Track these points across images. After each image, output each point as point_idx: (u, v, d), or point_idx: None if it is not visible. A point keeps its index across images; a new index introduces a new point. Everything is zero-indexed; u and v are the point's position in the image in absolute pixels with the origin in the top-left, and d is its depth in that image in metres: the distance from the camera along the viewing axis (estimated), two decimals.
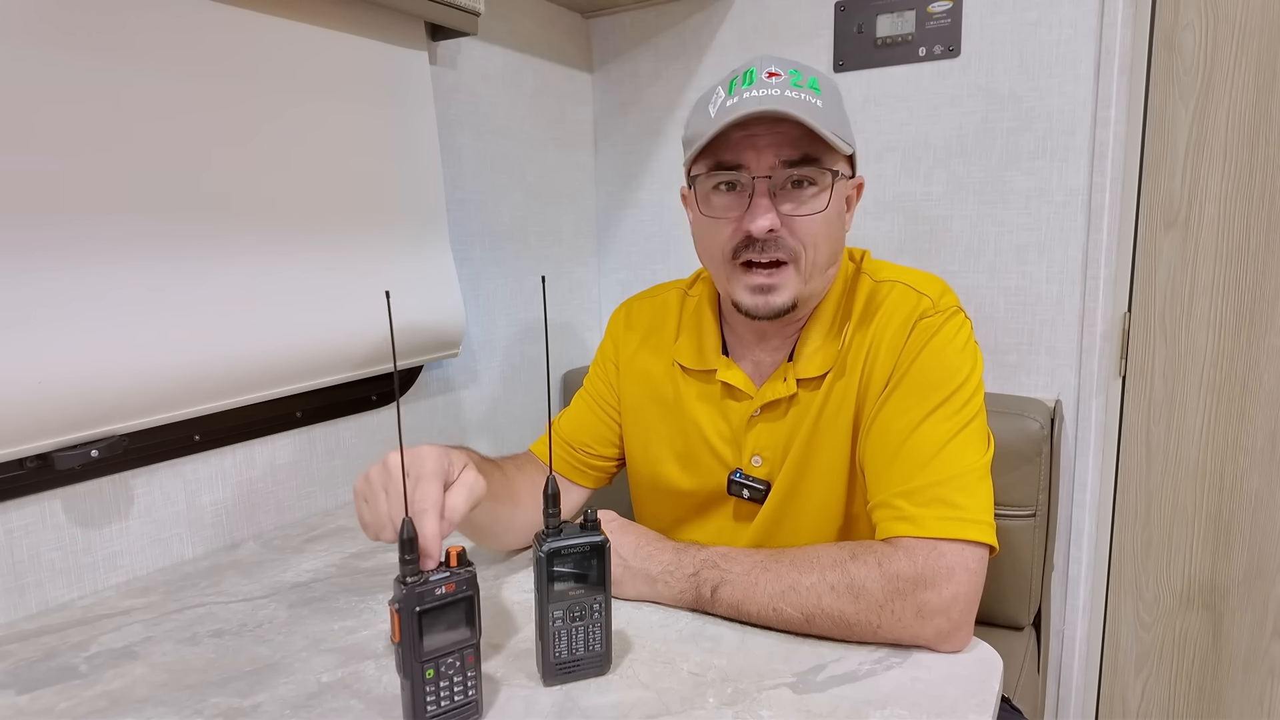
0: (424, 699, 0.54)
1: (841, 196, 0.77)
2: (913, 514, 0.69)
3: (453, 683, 0.55)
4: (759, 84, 0.72)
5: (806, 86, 0.73)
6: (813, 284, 0.77)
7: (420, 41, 1.13)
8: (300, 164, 0.97)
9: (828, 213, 0.74)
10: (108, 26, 0.78)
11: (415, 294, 1.12)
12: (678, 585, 0.72)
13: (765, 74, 0.73)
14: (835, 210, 0.75)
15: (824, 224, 0.74)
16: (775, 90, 0.71)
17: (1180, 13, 1.19)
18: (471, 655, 0.56)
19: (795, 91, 0.72)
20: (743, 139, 0.72)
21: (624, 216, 1.59)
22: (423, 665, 0.54)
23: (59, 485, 0.82)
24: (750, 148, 0.72)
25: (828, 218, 0.74)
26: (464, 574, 0.55)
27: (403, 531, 0.54)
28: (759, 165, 0.72)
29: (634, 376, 0.91)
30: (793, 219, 0.73)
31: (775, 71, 0.73)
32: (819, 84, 0.74)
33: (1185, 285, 1.25)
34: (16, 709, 0.62)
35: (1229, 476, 1.26)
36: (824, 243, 0.75)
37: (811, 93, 0.72)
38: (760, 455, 0.83)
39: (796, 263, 0.74)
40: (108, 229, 0.79)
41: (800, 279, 0.75)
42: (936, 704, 0.59)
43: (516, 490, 0.82)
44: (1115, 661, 1.38)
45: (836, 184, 0.74)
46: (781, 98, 0.71)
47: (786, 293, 0.75)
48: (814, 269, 0.75)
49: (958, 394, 0.73)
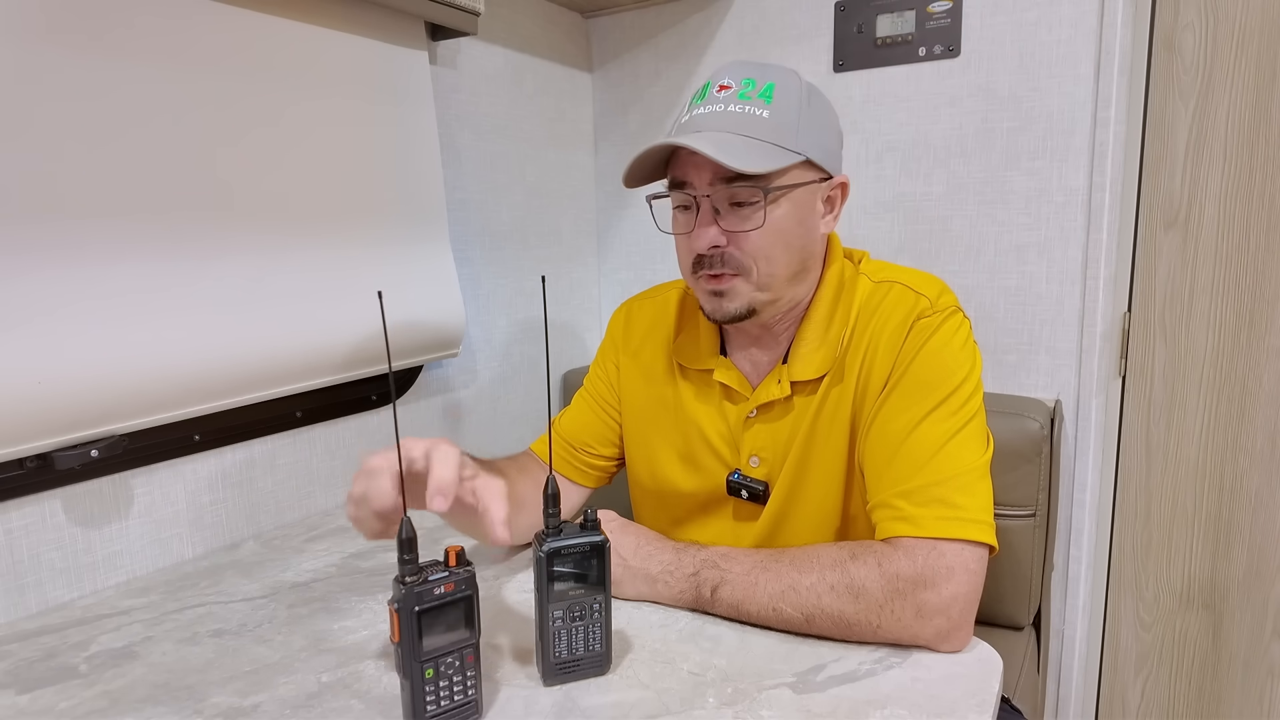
0: (423, 699, 0.54)
1: (802, 204, 0.75)
2: (912, 514, 0.69)
3: (452, 682, 0.55)
4: (709, 99, 0.74)
5: (757, 97, 0.73)
6: (774, 291, 0.77)
7: (420, 41, 1.13)
8: (301, 164, 0.97)
9: (771, 227, 0.73)
10: (107, 26, 0.78)
11: (415, 294, 1.12)
12: (678, 585, 0.72)
13: (717, 87, 0.75)
14: (791, 219, 0.75)
15: (774, 236, 0.74)
16: (720, 106, 0.73)
17: (1180, 13, 1.19)
18: (471, 655, 0.56)
19: (740, 104, 0.73)
20: (687, 157, 0.74)
21: (624, 216, 1.59)
22: (422, 665, 0.54)
23: (59, 485, 0.82)
24: (693, 166, 0.74)
25: (777, 231, 0.74)
26: (463, 574, 0.55)
27: (401, 531, 0.54)
28: (700, 183, 0.74)
29: (634, 376, 0.91)
30: (736, 235, 0.74)
31: (727, 84, 0.75)
32: (775, 90, 0.74)
33: (1185, 285, 1.25)
34: (16, 709, 0.62)
35: (1229, 476, 1.26)
36: (777, 254, 0.75)
37: (760, 103, 0.73)
38: (758, 456, 0.83)
39: (747, 275, 0.75)
40: (108, 228, 0.79)
41: (753, 287, 0.76)
42: (936, 704, 0.59)
43: (518, 492, 0.81)
44: (1115, 661, 1.38)
45: (783, 197, 0.74)
46: (723, 114, 0.73)
47: (738, 300, 0.76)
48: (770, 279, 0.76)
49: (956, 394, 0.73)
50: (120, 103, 0.80)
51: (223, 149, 0.89)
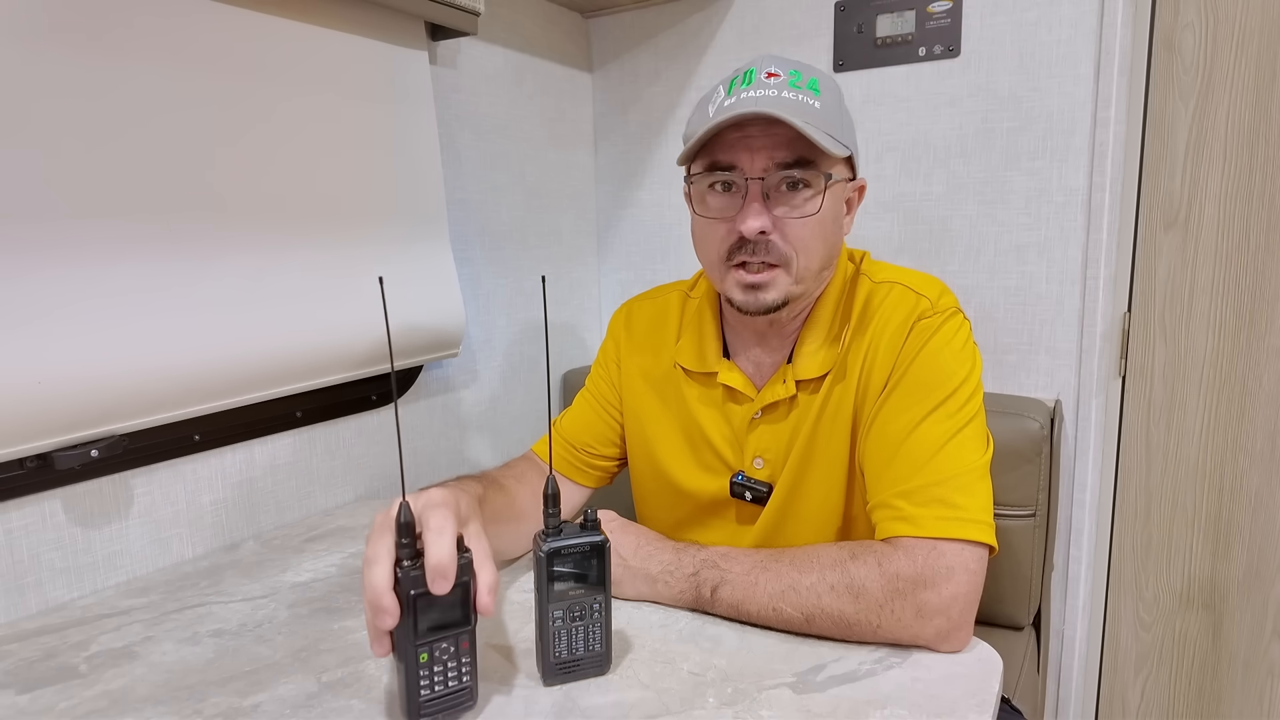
0: (417, 683, 0.55)
1: (839, 199, 0.77)
2: (912, 514, 0.69)
3: (446, 668, 0.55)
4: (757, 84, 0.72)
5: (806, 88, 0.72)
6: (805, 285, 0.77)
7: (420, 41, 1.13)
8: (301, 164, 0.97)
9: (821, 216, 0.73)
10: (107, 26, 0.78)
11: (415, 293, 1.12)
12: (677, 585, 0.72)
13: (765, 74, 0.73)
14: (830, 213, 0.75)
15: (817, 227, 0.74)
16: (773, 91, 0.71)
17: (1180, 13, 1.19)
18: (466, 641, 0.56)
19: (793, 93, 0.71)
20: (738, 140, 0.72)
21: (624, 216, 1.59)
22: (416, 649, 0.54)
23: (59, 485, 0.82)
24: (745, 149, 0.72)
25: (821, 221, 0.74)
26: (460, 560, 0.55)
27: (400, 515, 0.54)
28: (753, 166, 0.72)
29: (636, 377, 0.91)
30: (785, 222, 0.73)
31: (775, 72, 0.73)
32: (819, 85, 0.74)
33: (1185, 285, 1.25)
34: (16, 709, 0.62)
35: (1229, 476, 1.26)
36: (817, 246, 0.75)
37: (810, 94, 0.72)
38: (762, 457, 0.83)
39: (788, 266, 0.74)
40: (108, 228, 0.79)
41: (791, 280, 0.75)
42: (936, 704, 0.59)
43: (519, 506, 0.81)
44: (1115, 661, 1.38)
45: (831, 187, 0.74)
46: (778, 99, 0.70)
47: (776, 291, 0.75)
48: (806, 272, 0.75)
49: (956, 394, 0.73)
50: (120, 103, 0.79)
51: (223, 149, 0.89)
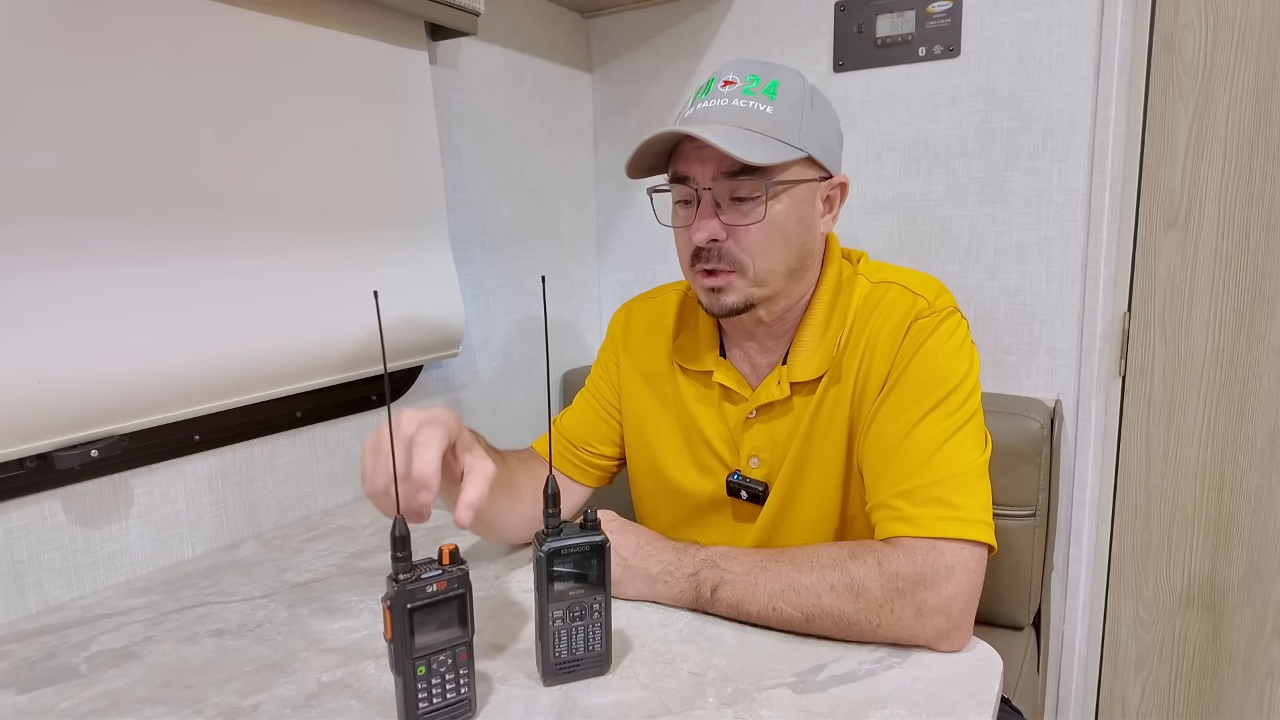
0: (415, 696, 0.55)
1: (802, 201, 0.76)
2: (911, 514, 0.69)
3: (445, 680, 0.56)
4: (713, 94, 0.75)
5: (762, 93, 0.74)
6: (770, 288, 0.77)
7: (420, 41, 1.13)
8: (300, 163, 0.97)
9: (770, 221, 0.74)
10: (105, 25, 0.78)
11: (415, 293, 1.12)
12: (677, 585, 0.72)
13: (722, 83, 0.76)
14: (788, 216, 0.75)
15: (771, 232, 0.74)
16: (724, 101, 0.74)
17: (1180, 13, 1.19)
18: (464, 653, 0.56)
19: (744, 99, 0.73)
20: (691, 150, 0.75)
21: (624, 216, 1.59)
22: (414, 662, 0.54)
23: (59, 485, 0.82)
24: (696, 160, 0.74)
25: (776, 226, 0.74)
26: (456, 572, 0.55)
27: (394, 529, 0.54)
28: (703, 177, 0.74)
29: (635, 377, 0.91)
30: (735, 229, 0.74)
31: (732, 79, 0.75)
32: (779, 88, 0.74)
33: (1185, 285, 1.25)
34: (16, 709, 0.62)
35: (1229, 476, 1.26)
36: (774, 250, 0.75)
37: (765, 99, 0.73)
38: (758, 457, 0.83)
39: (743, 271, 0.75)
40: (108, 229, 0.79)
41: (749, 283, 0.76)
42: (936, 704, 0.59)
43: (517, 483, 0.82)
44: (1115, 661, 1.38)
45: (785, 193, 0.74)
46: (727, 108, 0.73)
47: (735, 294, 0.76)
48: (768, 275, 0.76)
49: (954, 394, 0.73)
50: (120, 102, 0.80)
51: (222, 149, 0.89)
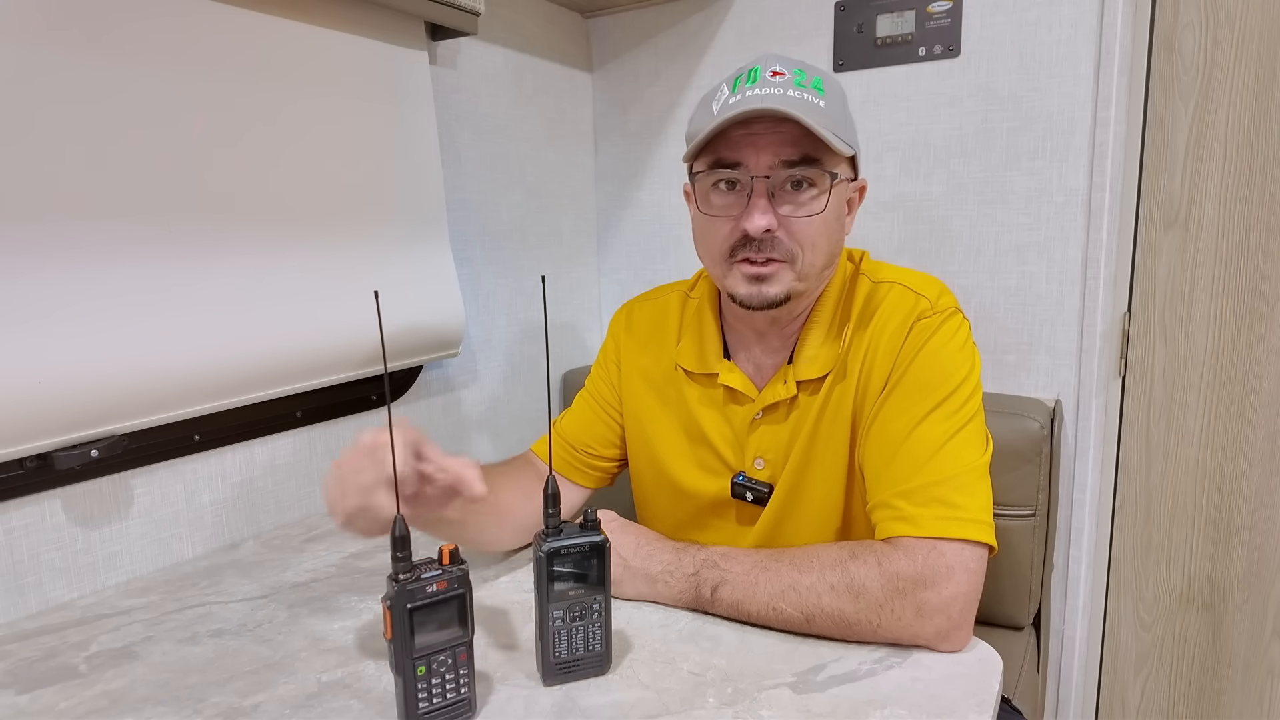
0: (415, 696, 0.55)
1: (842, 199, 0.77)
2: (911, 514, 0.69)
3: (444, 680, 0.56)
4: (762, 82, 0.72)
5: (810, 87, 0.72)
6: (807, 283, 0.76)
7: (420, 41, 1.13)
8: (300, 164, 0.97)
9: (825, 215, 0.73)
10: (106, 26, 0.78)
11: (415, 294, 1.12)
12: (677, 585, 0.72)
13: (769, 73, 0.73)
14: (834, 213, 0.75)
15: (821, 226, 0.74)
16: (778, 89, 0.71)
17: (1180, 13, 1.19)
18: (464, 653, 0.56)
19: (798, 91, 0.71)
20: (743, 137, 0.72)
21: (624, 216, 1.59)
22: (414, 662, 0.54)
23: (59, 485, 0.82)
24: (750, 146, 0.72)
25: (825, 220, 0.74)
26: (456, 572, 0.55)
27: (395, 529, 0.54)
28: (758, 164, 0.72)
29: (636, 378, 0.91)
30: (790, 220, 0.73)
31: (780, 70, 0.73)
32: (823, 85, 0.74)
33: (1185, 285, 1.25)
34: (16, 709, 0.62)
35: (1229, 476, 1.26)
36: (821, 245, 0.75)
37: (815, 93, 0.72)
38: (763, 458, 0.83)
39: (792, 263, 0.74)
40: (108, 229, 0.79)
41: (794, 276, 0.75)
42: (936, 704, 0.59)
43: (502, 502, 0.81)
44: (1115, 661, 1.38)
45: (836, 186, 0.74)
46: (784, 97, 0.70)
47: (780, 285, 0.75)
48: (810, 269, 0.75)
49: (956, 394, 0.73)
50: (120, 103, 0.79)
51: (223, 149, 0.89)
